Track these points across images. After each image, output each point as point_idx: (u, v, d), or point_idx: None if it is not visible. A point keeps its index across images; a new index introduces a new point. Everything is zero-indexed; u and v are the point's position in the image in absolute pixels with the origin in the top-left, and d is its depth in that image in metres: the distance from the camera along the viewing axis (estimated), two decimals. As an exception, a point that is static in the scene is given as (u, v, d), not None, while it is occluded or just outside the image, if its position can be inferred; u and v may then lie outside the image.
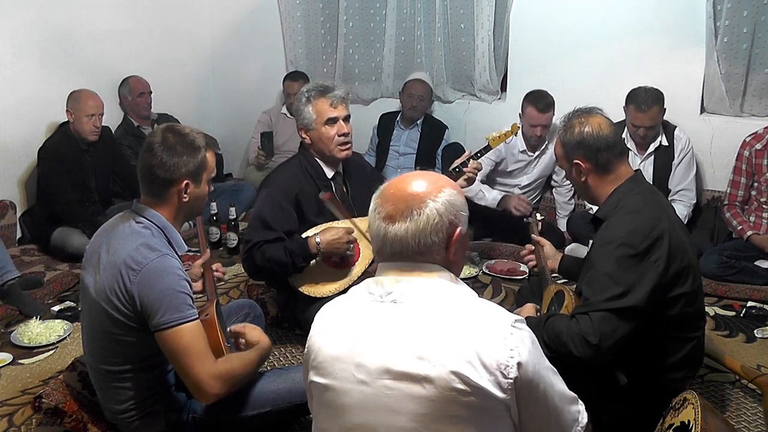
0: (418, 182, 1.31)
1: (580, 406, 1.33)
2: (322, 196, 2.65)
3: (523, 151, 3.89)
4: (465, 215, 1.33)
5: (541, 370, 1.23)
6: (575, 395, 1.32)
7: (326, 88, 2.70)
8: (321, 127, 2.66)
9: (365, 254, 2.71)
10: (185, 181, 1.83)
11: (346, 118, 2.71)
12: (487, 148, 3.06)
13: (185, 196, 1.85)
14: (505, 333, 1.20)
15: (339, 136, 2.67)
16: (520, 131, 3.79)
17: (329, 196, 2.65)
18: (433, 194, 1.29)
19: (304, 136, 2.73)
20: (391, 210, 1.28)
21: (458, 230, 1.31)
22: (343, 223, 2.67)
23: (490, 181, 3.99)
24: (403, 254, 1.28)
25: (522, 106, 3.78)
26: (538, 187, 4.06)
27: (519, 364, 1.18)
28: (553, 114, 3.73)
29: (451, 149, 4.18)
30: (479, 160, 2.96)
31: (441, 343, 1.20)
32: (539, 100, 3.69)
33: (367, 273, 2.57)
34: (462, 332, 1.20)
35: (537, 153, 3.90)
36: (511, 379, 1.18)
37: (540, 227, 2.63)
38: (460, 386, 1.17)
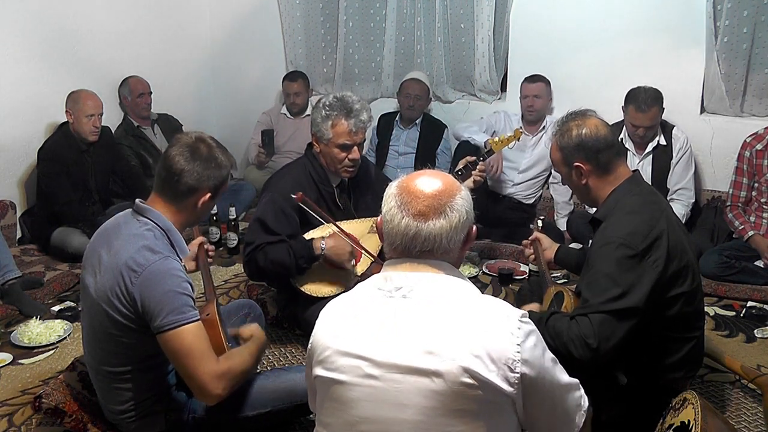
0: (440, 179, 1.31)
1: (581, 391, 1.36)
2: (294, 196, 2.53)
3: (520, 128, 3.83)
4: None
5: (545, 364, 1.26)
6: (576, 381, 1.35)
7: (350, 109, 2.55)
8: (333, 148, 2.59)
9: (366, 257, 2.70)
10: (207, 194, 1.86)
11: (361, 144, 2.62)
12: (490, 152, 3.06)
13: (200, 206, 1.87)
14: (512, 328, 1.22)
15: (348, 160, 2.61)
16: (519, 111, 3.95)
17: (300, 197, 2.54)
18: (457, 190, 1.31)
19: (314, 143, 2.67)
20: (423, 207, 1.27)
21: (474, 228, 1.34)
22: (321, 230, 2.63)
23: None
24: (433, 252, 1.28)
25: (521, 86, 3.93)
26: (537, 177, 4.03)
27: (525, 360, 1.21)
28: (545, 84, 3.86)
29: (466, 147, 4.18)
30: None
31: (450, 338, 1.21)
32: (531, 76, 3.89)
33: (367, 274, 2.56)
34: (471, 327, 1.22)
35: (535, 135, 3.94)
36: (517, 373, 1.20)
37: (540, 228, 2.64)
38: (469, 380, 1.18)
